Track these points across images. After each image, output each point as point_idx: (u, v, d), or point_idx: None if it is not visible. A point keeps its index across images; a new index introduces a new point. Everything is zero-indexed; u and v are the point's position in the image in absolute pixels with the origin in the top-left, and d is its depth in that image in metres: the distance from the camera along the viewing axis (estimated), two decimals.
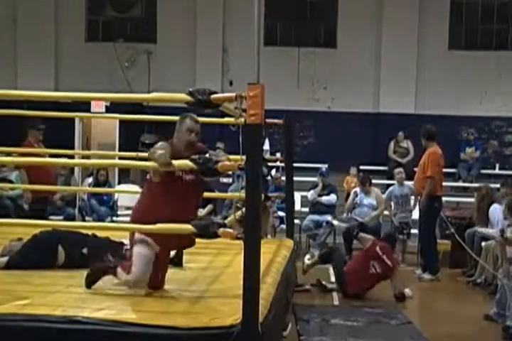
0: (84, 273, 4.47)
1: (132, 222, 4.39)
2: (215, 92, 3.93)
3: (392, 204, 10.07)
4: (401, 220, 9.95)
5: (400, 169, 10.57)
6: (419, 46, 14.40)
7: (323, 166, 11.22)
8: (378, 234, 9.06)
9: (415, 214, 9.92)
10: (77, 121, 12.93)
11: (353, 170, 12.63)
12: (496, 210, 6.16)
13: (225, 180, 11.14)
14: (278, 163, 10.38)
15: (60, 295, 4.23)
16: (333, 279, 8.26)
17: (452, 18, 14.63)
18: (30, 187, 8.32)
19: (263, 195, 6.03)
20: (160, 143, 4.21)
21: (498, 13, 14.77)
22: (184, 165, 4.01)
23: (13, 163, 8.47)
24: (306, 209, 10.59)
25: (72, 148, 12.05)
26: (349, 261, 7.98)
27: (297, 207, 9.90)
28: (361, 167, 13.06)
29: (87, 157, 10.15)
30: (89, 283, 4.41)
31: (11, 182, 9.94)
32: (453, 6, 14.65)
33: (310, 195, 10.35)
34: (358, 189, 10.18)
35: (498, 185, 9.05)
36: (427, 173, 8.43)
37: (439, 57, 14.45)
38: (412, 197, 9.87)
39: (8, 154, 8.45)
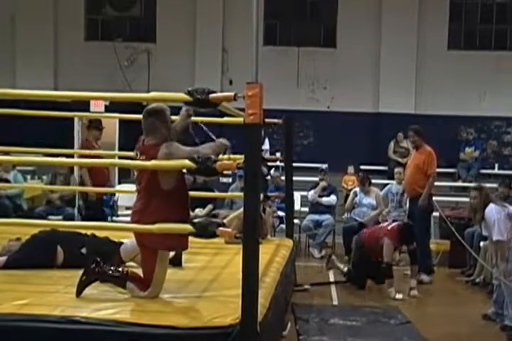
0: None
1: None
2: (214, 92, 3.92)
3: (388, 202, 10.06)
4: (395, 219, 9.90)
5: (400, 169, 10.56)
6: (418, 46, 14.41)
7: (323, 166, 11.22)
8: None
9: None
10: (76, 120, 12.92)
11: (351, 169, 12.60)
12: (492, 210, 6.15)
13: (224, 179, 11.15)
14: (278, 163, 10.37)
15: (59, 295, 4.23)
16: (332, 279, 8.29)
17: (451, 18, 14.65)
18: (26, 187, 8.30)
19: (262, 195, 6.03)
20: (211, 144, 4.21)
21: (497, 14, 14.80)
22: (183, 164, 4.00)
23: (12, 162, 8.48)
24: (306, 209, 10.58)
25: (72, 147, 12.04)
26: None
27: (297, 206, 9.88)
28: (361, 167, 13.06)
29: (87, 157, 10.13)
30: (80, 291, 4.24)
31: (8, 181, 9.94)
32: (452, 7, 14.67)
33: (310, 195, 10.34)
34: (357, 189, 10.17)
35: (496, 185, 9.07)
36: (429, 171, 8.41)
37: (439, 57, 14.45)
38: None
39: (7, 153, 8.43)
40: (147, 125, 4.31)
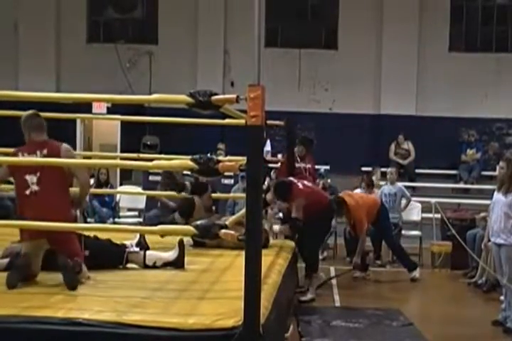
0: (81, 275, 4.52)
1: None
2: (216, 94, 3.92)
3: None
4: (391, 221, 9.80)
5: (391, 169, 10.59)
6: (419, 48, 14.41)
7: (323, 168, 11.21)
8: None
9: (405, 215, 10.04)
10: (78, 122, 12.95)
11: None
12: None
13: (226, 181, 11.13)
14: (279, 165, 10.34)
15: (61, 297, 4.22)
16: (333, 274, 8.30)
17: (452, 20, 14.66)
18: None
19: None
20: None
21: (497, 16, 14.80)
22: (185, 164, 4.00)
23: (13, 162, 8.42)
24: None
25: (74, 149, 12.04)
26: None
27: None
28: (362, 168, 13.06)
29: (89, 158, 10.14)
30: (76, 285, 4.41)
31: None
32: (453, 8, 14.66)
33: None
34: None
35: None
36: None
37: (440, 59, 14.45)
38: (403, 201, 9.92)
39: (6, 154, 8.41)
40: (39, 123, 4.74)
